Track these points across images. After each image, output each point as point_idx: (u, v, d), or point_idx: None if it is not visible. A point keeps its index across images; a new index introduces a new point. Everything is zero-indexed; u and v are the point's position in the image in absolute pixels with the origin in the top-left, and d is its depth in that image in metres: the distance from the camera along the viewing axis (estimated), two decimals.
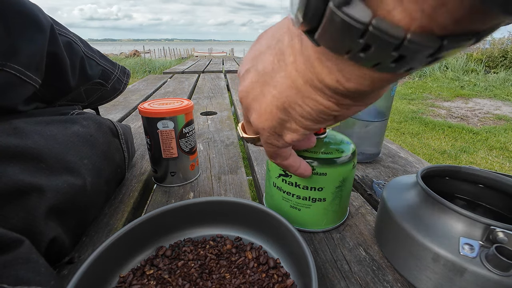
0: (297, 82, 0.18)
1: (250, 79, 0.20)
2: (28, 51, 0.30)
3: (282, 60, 0.18)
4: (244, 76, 0.21)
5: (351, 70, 0.15)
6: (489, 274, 0.20)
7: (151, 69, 5.94)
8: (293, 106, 0.19)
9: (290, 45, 0.18)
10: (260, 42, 0.21)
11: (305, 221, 0.33)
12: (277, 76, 0.19)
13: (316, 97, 0.18)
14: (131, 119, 0.79)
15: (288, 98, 0.19)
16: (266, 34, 0.21)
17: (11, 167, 0.24)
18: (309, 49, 0.16)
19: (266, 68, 0.19)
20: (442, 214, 0.24)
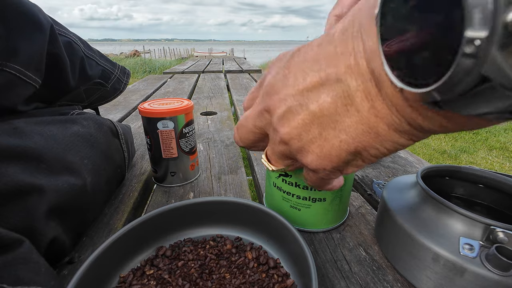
0: (377, 128, 0.17)
1: (302, 120, 0.18)
2: (28, 51, 0.30)
3: (350, 105, 0.17)
4: (288, 116, 0.19)
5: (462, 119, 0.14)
6: (489, 274, 0.20)
7: (151, 69, 5.94)
8: (368, 149, 0.18)
9: (362, 90, 0.16)
10: (294, 72, 0.19)
11: (305, 221, 0.33)
12: (346, 121, 0.17)
13: (399, 139, 0.17)
14: (131, 119, 0.79)
15: (362, 143, 0.18)
16: (303, 61, 0.18)
17: (11, 167, 0.24)
18: (396, 98, 0.15)
19: (324, 110, 0.18)
20: (442, 214, 0.24)
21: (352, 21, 0.16)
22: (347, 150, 0.18)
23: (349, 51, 0.16)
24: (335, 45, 0.17)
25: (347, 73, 0.16)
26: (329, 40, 0.17)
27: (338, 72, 0.16)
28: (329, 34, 0.18)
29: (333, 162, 0.19)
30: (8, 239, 0.20)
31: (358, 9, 0.16)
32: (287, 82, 0.19)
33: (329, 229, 0.34)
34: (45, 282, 0.20)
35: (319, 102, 0.18)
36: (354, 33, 0.16)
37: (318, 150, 0.19)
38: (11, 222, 0.22)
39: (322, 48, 0.18)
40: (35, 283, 0.19)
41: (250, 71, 1.98)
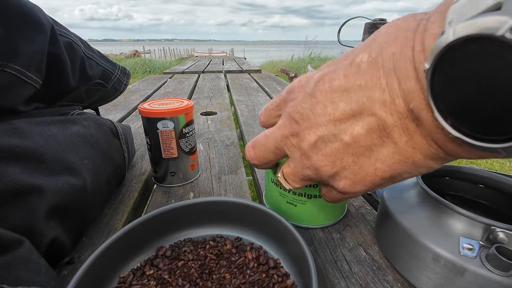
0: (414, 157, 0.17)
1: (335, 149, 0.19)
2: (29, 52, 0.30)
3: (386, 137, 0.17)
4: (320, 145, 0.20)
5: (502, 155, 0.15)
6: (489, 274, 0.20)
7: (151, 69, 5.94)
8: (402, 174, 0.19)
9: (400, 126, 0.17)
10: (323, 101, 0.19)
11: (301, 217, 0.34)
12: (382, 151, 0.18)
13: (434, 165, 0.18)
14: (131, 119, 0.79)
15: (398, 170, 0.18)
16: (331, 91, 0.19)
17: (11, 167, 0.24)
18: (436, 134, 0.16)
19: (358, 141, 0.18)
20: (442, 214, 0.24)
21: (381, 55, 0.16)
22: (382, 177, 0.19)
23: (382, 87, 0.16)
24: (364, 78, 0.17)
25: (382, 109, 0.17)
26: (356, 72, 0.18)
27: (372, 107, 0.17)
28: (354, 63, 0.18)
29: (367, 186, 0.20)
30: (8, 239, 0.20)
31: (387, 43, 0.16)
32: (316, 111, 0.19)
33: (325, 226, 0.34)
34: (45, 282, 0.20)
35: (352, 133, 0.18)
36: (385, 68, 0.16)
37: (352, 176, 0.20)
38: (11, 222, 0.22)
39: (349, 80, 0.18)
40: (35, 284, 0.19)
41: (250, 71, 1.98)
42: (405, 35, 0.16)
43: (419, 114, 0.16)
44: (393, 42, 0.16)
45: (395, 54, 0.16)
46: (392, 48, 0.16)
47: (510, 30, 0.11)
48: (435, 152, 0.17)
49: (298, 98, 0.21)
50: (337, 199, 0.24)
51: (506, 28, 0.11)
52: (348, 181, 0.20)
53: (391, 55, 0.16)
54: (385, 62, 0.16)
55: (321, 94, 0.19)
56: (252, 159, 0.25)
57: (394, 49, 0.16)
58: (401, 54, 0.15)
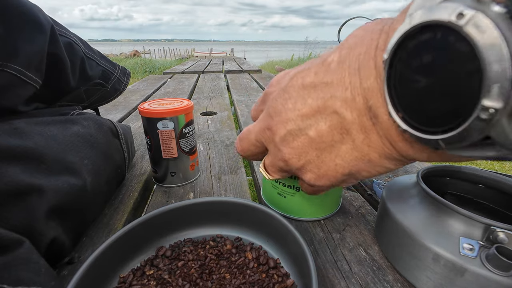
0: (370, 155, 0.18)
1: (301, 143, 0.20)
2: (29, 52, 0.30)
3: (346, 134, 0.18)
4: (288, 138, 0.21)
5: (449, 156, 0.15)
6: (490, 274, 0.20)
7: (151, 70, 5.94)
8: (360, 172, 0.20)
9: (358, 123, 0.17)
10: (294, 97, 0.20)
11: (290, 208, 0.35)
12: (341, 148, 0.19)
13: (389, 165, 0.19)
14: (131, 119, 0.79)
15: (356, 167, 0.19)
16: (301, 87, 0.20)
17: (11, 168, 0.24)
18: (389, 133, 0.16)
19: (321, 136, 0.19)
20: (442, 214, 0.24)
21: (349, 56, 0.17)
22: (342, 172, 0.20)
23: (345, 85, 0.17)
24: (331, 76, 0.18)
25: (343, 106, 0.17)
26: (326, 70, 0.18)
27: (334, 104, 0.18)
28: (325, 62, 0.19)
29: (330, 180, 0.21)
30: (8, 239, 0.20)
31: (355, 44, 0.17)
32: (287, 106, 0.20)
33: (315, 220, 0.35)
34: (45, 282, 0.20)
35: (317, 129, 0.19)
36: (351, 68, 0.17)
37: (316, 170, 0.21)
38: (11, 223, 0.22)
39: (318, 77, 0.19)
40: (35, 284, 0.19)
41: (250, 71, 1.98)
42: (371, 36, 0.16)
43: (376, 112, 0.16)
44: (360, 43, 0.17)
45: (361, 55, 0.16)
46: (359, 49, 0.17)
47: (457, 15, 0.11)
48: (388, 151, 0.17)
49: (274, 93, 0.22)
50: (310, 191, 0.25)
51: (455, 14, 0.11)
52: (313, 175, 0.21)
53: (358, 55, 0.17)
54: (351, 62, 0.17)
55: (293, 90, 0.20)
56: (239, 151, 0.27)
57: (360, 50, 0.17)
58: (365, 54, 0.16)
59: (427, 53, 0.12)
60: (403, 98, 0.14)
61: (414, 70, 0.13)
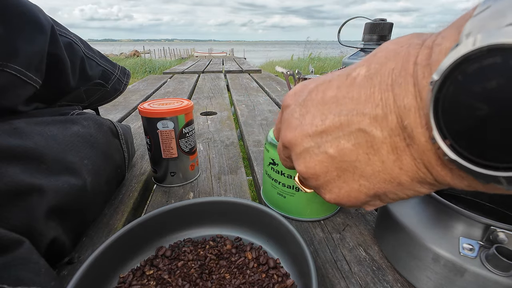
0: (400, 179, 0.17)
1: (319, 162, 0.19)
2: (29, 52, 0.30)
3: (373, 155, 0.17)
4: (304, 156, 0.19)
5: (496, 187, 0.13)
6: (489, 274, 0.20)
7: (151, 69, 5.94)
8: (387, 194, 0.18)
9: (389, 143, 0.16)
10: (312, 112, 0.19)
11: (289, 208, 0.35)
12: (367, 169, 0.17)
13: (422, 189, 0.17)
14: (131, 119, 0.79)
15: (383, 190, 0.18)
16: (321, 101, 0.18)
17: (11, 168, 0.24)
18: (427, 156, 0.15)
19: (343, 155, 0.18)
20: (442, 214, 0.24)
21: (380, 70, 0.16)
22: (366, 194, 0.18)
23: (375, 102, 0.16)
24: (358, 91, 0.16)
25: (372, 124, 0.16)
26: (350, 84, 0.17)
27: (362, 121, 0.16)
28: (350, 76, 0.17)
29: (351, 202, 0.19)
30: (8, 239, 0.20)
31: (387, 59, 0.16)
32: (303, 121, 0.19)
33: (313, 220, 0.35)
34: (45, 282, 0.20)
35: (338, 147, 0.18)
36: (382, 84, 0.15)
37: (337, 190, 0.19)
38: (11, 223, 0.22)
39: (341, 91, 0.17)
40: (35, 284, 0.19)
41: (250, 71, 1.98)
42: (408, 50, 0.15)
43: (412, 132, 0.15)
44: (393, 58, 0.15)
45: (395, 70, 0.15)
46: (392, 64, 0.15)
47: None
48: (422, 176, 0.16)
49: (291, 107, 0.21)
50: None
51: None
52: (333, 195, 0.20)
53: (391, 70, 0.15)
54: (383, 77, 0.16)
55: (312, 105, 0.19)
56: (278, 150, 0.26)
57: (394, 65, 0.15)
58: (401, 69, 0.15)
59: (493, 79, 0.11)
60: (454, 125, 0.12)
61: (475, 96, 0.11)
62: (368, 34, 0.56)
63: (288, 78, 0.42)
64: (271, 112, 0.87)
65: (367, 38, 0.56)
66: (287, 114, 0.21)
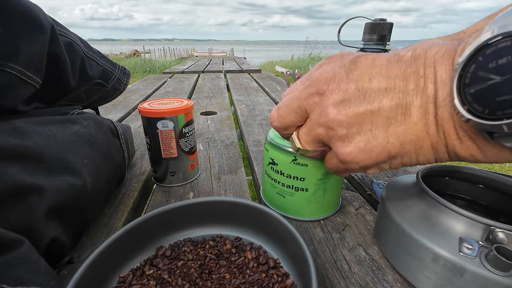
0: (423, 142, 0.19)
1: (358, 112, 0.20)
2: (29, 52, 0.30)
3: (409, 116, 0.19)
4: (345, 104, 0.20)
5: (495, 151, 0.17)
6: (489, 274, 0.20)
7: (151, 69, 5.94)
8: (404, 157, 0.20)
9: (424, 109, 0.19)
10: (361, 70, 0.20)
11: (289, 208, 0.35)
12: (400, 127, 0.19)
13: (432, 157, 0.20)
14: (131, 119, 0.79)
15: (405, 150, 0.20)
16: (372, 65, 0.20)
17: (11, 167, 0.24)
18: (447, 124, 0.18)
19: (382, 110, 0.19)
20: (442, 214, 0.24)
21: (425, 54, 0.19)
22: (389, 152, 0.20)
23: (420, 74, 0.19)
24: (406, 65, 0.19)
25: (415, 90, 0.19)
26: (398, 59, 0.20)
27: (406, 86, 0.19)
28: (397, 55, 0.20)
29: (371, 159, 0.21)
30: (8, 239, 0.20)
31: (431, 47, 0.19)
32: (351, 76, 0.20)
33: (313, 220, 0.35)
34: (45, 282, 0.20)
35: (381, 103, 0.19)
36: (427, 63, 0.18)
37: (362, 144, 0.20)
38: (11, 222, 0.22)
39: (391, 63, 0.20)
40: (34, 283, 0.19)
41: (250, 71, 1.98)
42: (452, 44, 0.18)
43: (441, 102, 0.18)
44: (438, 47, 0.19)
45: (438, 53, 0.18)
46: (436, 50, 0.18)
47: None
48: (438, 141, 0.19)
49: (333, 63, 0.22)
50: (335, 169, 0.25)
51: None
52: (356, 148, 0.21)
53: (435, 53, 0.18)
54: (427, 59, 0.18)
55: (361, 65, 0.20)
56: (274, 120, 0.26)
57: (438, 50, 0.18)
58: (444, 53, 0.18)
59: (504, 57, 0.14)
60: (472, 92, 0.16)
61: (489, 70, 0.15)
62: (368, 34, 0.56)
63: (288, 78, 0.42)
64: (271, 112, 0.87)
65: (367, 38, 0.56)
66: (326, 68, 0.22)
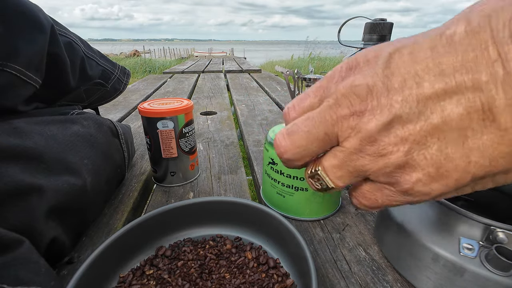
0: None
1: (416, 131, 0.15)
2: (29, 52, 0.30)
3: (492, 120, 0.13)
4: (394, 125, 0.15)
5: None
6: (489, 274, 0.20)
7: (151, 69, 5.94)
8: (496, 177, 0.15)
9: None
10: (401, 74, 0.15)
11: (289, 208, 0.35)
12: (481, 139, 0.14)
13: None
14: (131, 119, 0.79)
15: (498, 168, 0.14)
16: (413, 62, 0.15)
17: (11, 167, 0.24)
18: None
19: (451, 123, 0.14)
20: (442, 214, 0.24)
21: (489, 23, 0.13)
22: (473, 174, 0.15)
23: (491, 58, 0.13)
24: (464, 48, 0.14)
25: (491, 82, 0.13)
26: (448, 42, 0.14)
27: (477, 79, 0.13)
28: (444, 35, 0.14)
29: (447, 186, 0.15)
30: (8, 239, 0.20)
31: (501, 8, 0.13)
32: (390, 85, 0.15)
33: (314, 220, 0.35)
34: (45, 282, 0.20)
35: (444, 113, 0.14)
36: (497, 36, 0.13)
37: (433, 169, 0.15)
38: (11, 222, 0.22)
39: (439, 51, 0.14)
40: (35, 283, 0.19)
41: (250, 71, 1.98)
42: None
43: None
44: (509, 6, 0.13)
45: (507, 21, 0.12)
46: (509, 14, 0.13)
47: None
48: None
49: (361, 72, 0.16)
50: (385, 203, 0.18)
51: None
52: (423, 175, 0.15)
53: (507, 21, 0.13)
54: (495, 30, 0.13)
55: (400, 66, 0.15)
56: (285, 151, 0.18)
57: (507, 15, 0.13)
58: None
59: None
60: None
61: None
62: (368, 34, 0.56)
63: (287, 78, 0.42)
64: (271, 112, 0.87)
65: (367, 38, 0.56)
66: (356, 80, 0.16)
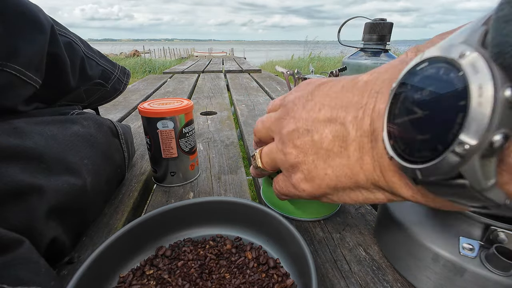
0: (358, 177, 0.19)
1: (304, 142, 0.21)
2: (29, 52, 0.30)
3: (344, 149, 0.19)
4: (294, 134, 0.21)
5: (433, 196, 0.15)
6: (489, 274, 0.20)
7: (151, 69, 5.94)
8: (345, 190, 0.20)
9: (358, 142, 0.18)
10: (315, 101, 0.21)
11: (289, 208, 0.35)
12: (336, 160, 0.19)
13: (369, 194, 0.19)
14: (131, 119, 0.79)
15: (343, 184, 0.20)
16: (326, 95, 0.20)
17: (11, 167, 0.24)
18: (384, 159, 0.17)
19: (322, 142, 0.20)
20: (441, 214, 0.24)
21: (377, 79, 0.18)
22: (327, 184, 0.20)
23: (361, 104, 0.18)
24: (354, 94, 0.19)
25: (352, 122, 0.18)
26: (352, 86, 0.19)
27: (345, 118, 0.18)
28: (356, 79, 0.19)
29: (313, 188, 0.21)
30: (8, 239, 0.20)
31: (386, 71, 0.18)
32: (306, 106, 0.21)
33: (314, 220, 0.35)
34: (45, 282, 0.20)
35: (322, 135, 0.20)
36: (372, 91, 0.18)
37: (307, 172, 0.21)
38: (11, 222, 0.22)
39: (343, 91, 0.20)
40: (35, 283, 0.19)
41: (250, 71, 1.98)
42: (400, 66, 0.17)
43: (377, 136, 0.17)
44: (390, 70, 0.18)
45: (385, 81, 0.17)
46: (386, 75, 0.17)
47: (461, 54, 0.11)
48: (377, 178, 0.18)
49: (300, 92, 0.23)
50: (285, 192, 0.25)
51: (459, 53, 0.12)
52: (302, 176, 0.22)
53: (383, 80, 0.17)
54: (375, 85, 0.18)
55: (317, 95, 0.21)
56: (255, 129, 0.28)
57: (387, 76, 0.17)
58: (390, 80, 0.17)
59: (428, 86, 0.13)
60: (397, 126, 0.14)
61: (414, 101, 0.13)
62: (368, 34, 0.56)
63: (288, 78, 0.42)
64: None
65: (367, 38, 0.56)
66: (293, 97, 0.23)
